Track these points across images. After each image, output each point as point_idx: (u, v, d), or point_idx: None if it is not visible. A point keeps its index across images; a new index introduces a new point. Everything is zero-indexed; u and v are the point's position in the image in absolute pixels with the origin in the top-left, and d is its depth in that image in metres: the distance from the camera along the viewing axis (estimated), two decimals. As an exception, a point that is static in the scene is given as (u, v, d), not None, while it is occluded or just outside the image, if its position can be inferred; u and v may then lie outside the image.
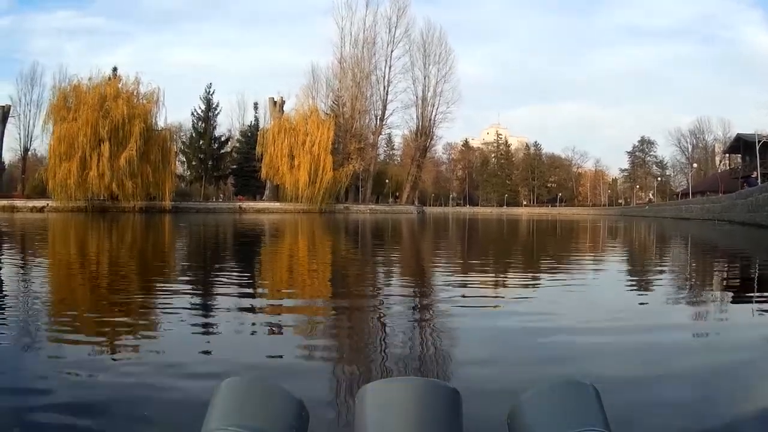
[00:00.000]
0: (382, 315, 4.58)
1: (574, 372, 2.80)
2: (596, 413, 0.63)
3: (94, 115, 49.24)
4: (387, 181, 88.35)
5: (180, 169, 76.03)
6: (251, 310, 4.75)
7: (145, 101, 53.90)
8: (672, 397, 2.48)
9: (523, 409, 0.66)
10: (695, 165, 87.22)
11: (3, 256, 10.17)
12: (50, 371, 2.80)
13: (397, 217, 50.28)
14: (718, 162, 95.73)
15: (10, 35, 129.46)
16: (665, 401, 2.42)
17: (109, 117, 49.68)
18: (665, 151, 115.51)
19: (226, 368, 2.85)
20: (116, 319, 4.23)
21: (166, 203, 53.28)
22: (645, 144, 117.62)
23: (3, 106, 63.90)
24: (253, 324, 4.18)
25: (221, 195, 79.95)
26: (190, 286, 6.32)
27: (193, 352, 3.20)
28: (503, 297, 5.78)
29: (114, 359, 3.06)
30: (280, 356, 3.21)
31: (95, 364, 2.91)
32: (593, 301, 5.39)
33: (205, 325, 4.07)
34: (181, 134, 75.96)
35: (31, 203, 52.53)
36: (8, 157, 78.39)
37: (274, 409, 0.64)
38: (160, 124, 55.76)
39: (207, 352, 3.29)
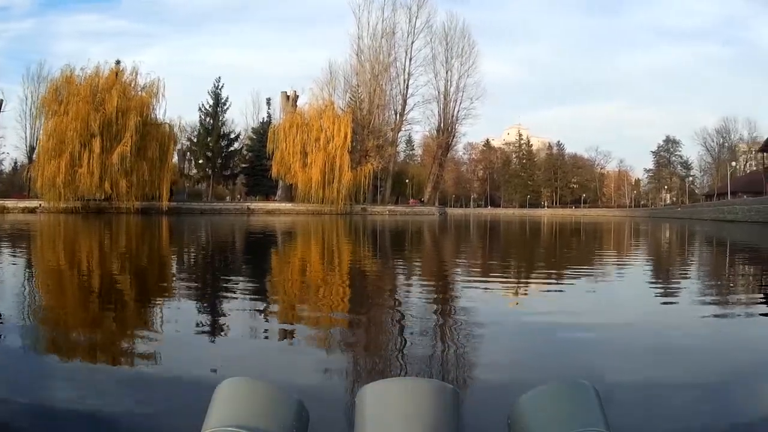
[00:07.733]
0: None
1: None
2: (596, 413, 0.63)
3: (85, 108, 45.16)
4: (407, 181, 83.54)
5: (190, 168, 72.57)
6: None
7: (143, 93, 49.61)
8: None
9: (523, 410, 0.66)
10: (733, 163, 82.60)
11: None
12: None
13: (419, 219, 46.60)
14: (743, 162, 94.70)
15: (34, 38, 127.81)
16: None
17: (101, 110, 45.60)
18: (690, 151, 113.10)
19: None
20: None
21: (164, 203, 49.03)
22: (670, 143, 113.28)
23: (-6, 99, 59.93)
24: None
25: (238, 195, 75.90)
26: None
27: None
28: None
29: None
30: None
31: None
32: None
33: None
34: (194, 133, 72.32)
35: (23, 204, 49.20)
36: (19, 156, 75.73)
37: (274, 409, 0.63)
38: (161, 117, 51.43)
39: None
